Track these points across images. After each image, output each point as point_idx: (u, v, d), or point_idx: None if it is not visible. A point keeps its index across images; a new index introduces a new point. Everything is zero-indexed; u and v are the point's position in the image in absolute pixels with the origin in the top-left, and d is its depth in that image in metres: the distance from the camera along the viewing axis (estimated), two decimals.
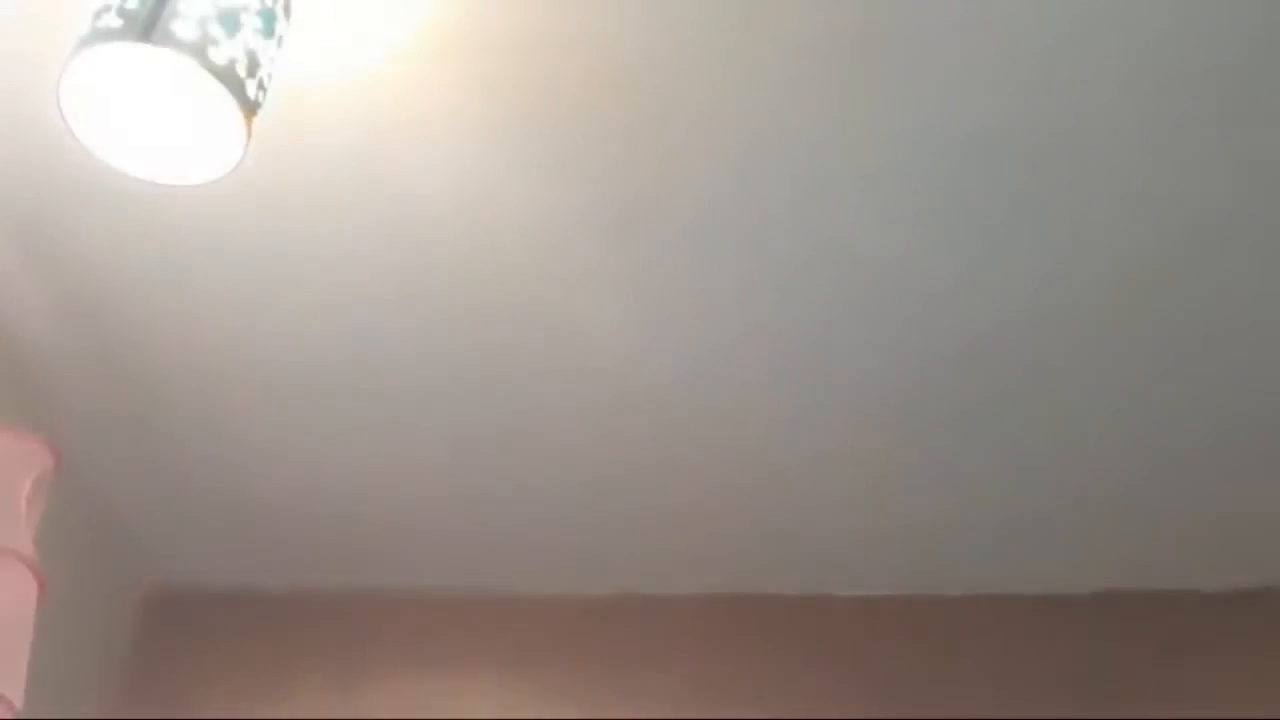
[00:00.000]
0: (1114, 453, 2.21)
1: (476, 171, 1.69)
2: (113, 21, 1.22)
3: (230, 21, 1.25)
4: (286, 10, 1.36)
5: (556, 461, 2.25)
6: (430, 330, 1.97)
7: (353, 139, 1.64)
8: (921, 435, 2.18)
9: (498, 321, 1.95)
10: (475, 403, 2.11)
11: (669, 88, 1.59)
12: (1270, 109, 1.60)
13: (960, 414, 2.13)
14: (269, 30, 1.30)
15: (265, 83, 1.31)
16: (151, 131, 1.35)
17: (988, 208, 1.75)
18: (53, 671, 1.88)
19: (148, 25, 1.21)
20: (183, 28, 1.21)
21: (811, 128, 1.63)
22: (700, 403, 2.11)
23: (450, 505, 2.36)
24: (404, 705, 2.38)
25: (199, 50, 1.22)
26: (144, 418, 2.16)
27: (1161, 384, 2.05)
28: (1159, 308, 1.91)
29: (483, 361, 2.03)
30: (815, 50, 1.53)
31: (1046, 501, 2.34)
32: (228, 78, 1.24)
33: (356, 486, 2.31)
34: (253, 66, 1.27)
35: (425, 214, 1.76)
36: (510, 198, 1.73)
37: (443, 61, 1.54)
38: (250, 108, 1.28)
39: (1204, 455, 2.21)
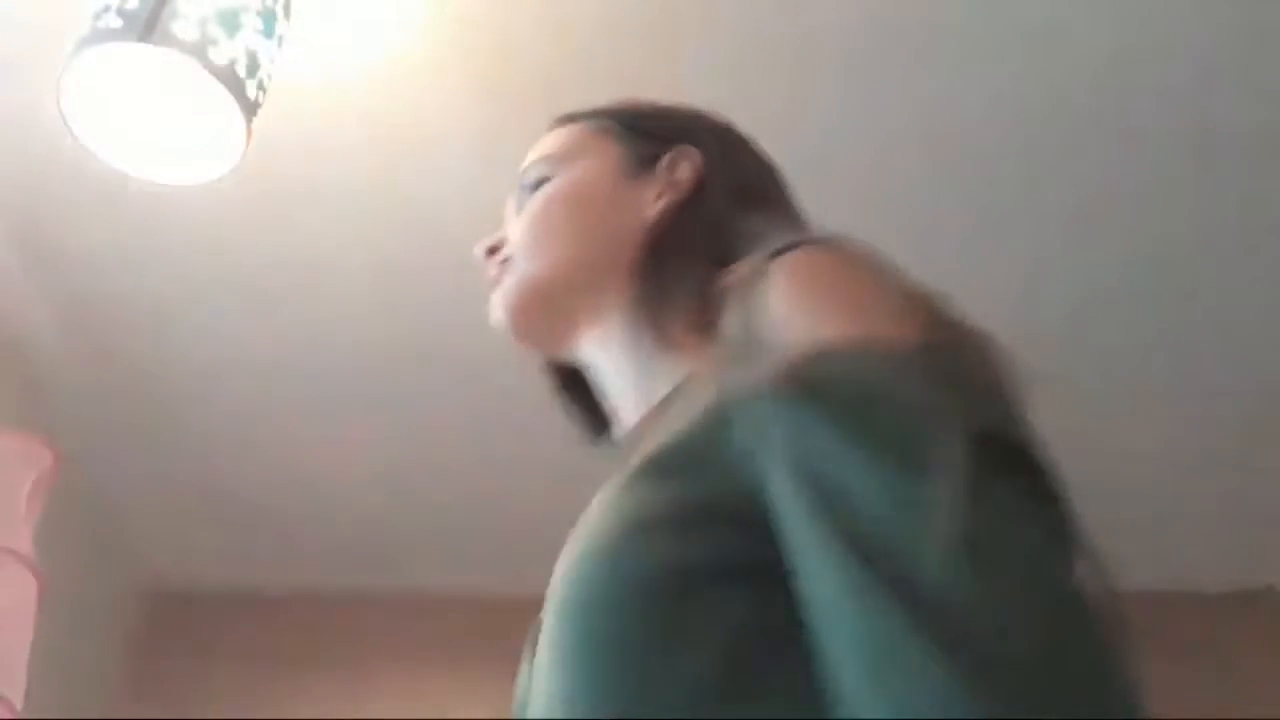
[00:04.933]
0: (1114, 453, 2.21)
1: (483, 173, 1.69)
2: (113, 21, 1.22)
3: (230, 21, 1.25)
4: (286, 10, 1.36)
5: (558, 462, 2.24)
6: (432, 332, 1.97)
7: (353, 139, 1.64)
8: None
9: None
10: (476, 405, 2.11)
11: (681, 85, 1.58)
12: None
13: None
14: (269, 30, 1.30)
15: (265, 83, 1.31)
16: (151, 131, 1.35)
17: (993, 201, 1.74)
18: (53, 672, 1.88)
19: (148, 25, 1.21)
20: (183, 28, 1.21)
21: (817, 120, 1.63)
22: None
23: (451, 506, 2.36)
24: (404, 705, 2.37)
25: (199, 50, 1.22)
26: (144, 418, 2.15)
27: (1161, 383, 2.05)
28: (1161, 304, 1.91)
29: (483, 362, 2.02)
30: (824, 43, 1.53)
31: None
32: (228, 78, 1.24)
33: (358, 488, 2.31)
34: (253, 67, 1.27)
35: (429, 215, 1.76)
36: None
37: (446, 61, 1.53)
38: (250, 108, 1.28)
39: (1205, 455, 2.21)
